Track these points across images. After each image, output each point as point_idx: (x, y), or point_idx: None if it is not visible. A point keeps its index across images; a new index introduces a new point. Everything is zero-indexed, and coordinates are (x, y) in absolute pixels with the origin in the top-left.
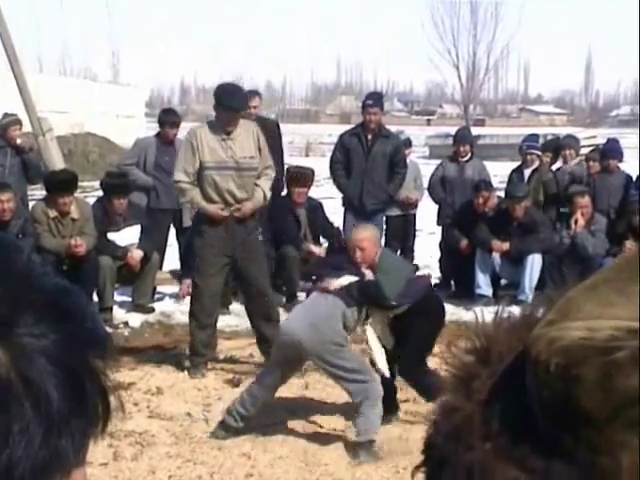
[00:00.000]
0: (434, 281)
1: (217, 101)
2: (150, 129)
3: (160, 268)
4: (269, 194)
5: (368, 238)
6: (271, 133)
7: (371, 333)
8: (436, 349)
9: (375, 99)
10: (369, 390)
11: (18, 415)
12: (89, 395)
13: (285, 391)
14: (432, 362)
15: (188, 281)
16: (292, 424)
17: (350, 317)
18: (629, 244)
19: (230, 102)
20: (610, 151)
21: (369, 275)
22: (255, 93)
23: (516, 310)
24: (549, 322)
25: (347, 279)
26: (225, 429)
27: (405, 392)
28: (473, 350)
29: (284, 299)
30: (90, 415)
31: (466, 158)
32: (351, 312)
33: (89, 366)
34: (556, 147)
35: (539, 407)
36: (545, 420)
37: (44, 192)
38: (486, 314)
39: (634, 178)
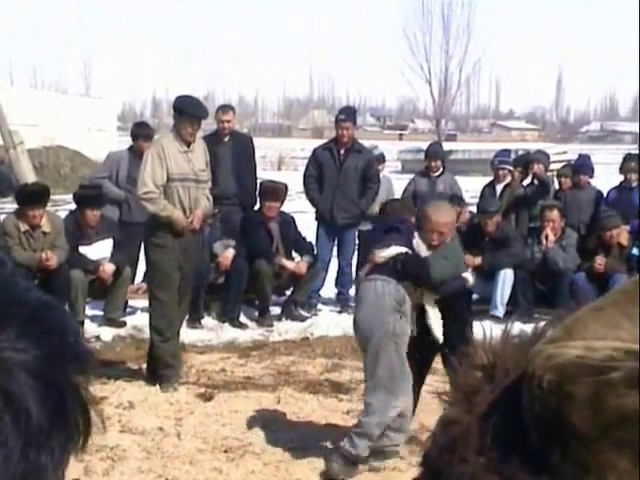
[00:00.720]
0: None
1: (179, 111)
2: (122, 142)
3: (132, 282)
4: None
5: (450, 224)
6: (245, 147)
7: (430, 304)
8: None
9: (348, 114)
10: (384, 409)
11: None
12: (70, 410)
13: (257, 405)
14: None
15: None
16: (265, 439)
17: (400, 296)
18: (599, 259)
19: (195, 111)
20: (581, 167)
21: (423, 252)
22: (229, 107)
23: (495, 326)
24: (552, 339)
25: (394, 250)
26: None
27: None
28: (480, 366)
29: (256, 313)
30: (70, 430)
31: (437, 173)
32: (398, 289)
33: (70, 381)
34: (526, 162)
35: (531, 422)
36: (536, 436)
37: (15, 205)
38: (494, 330)
39: (604, 194)
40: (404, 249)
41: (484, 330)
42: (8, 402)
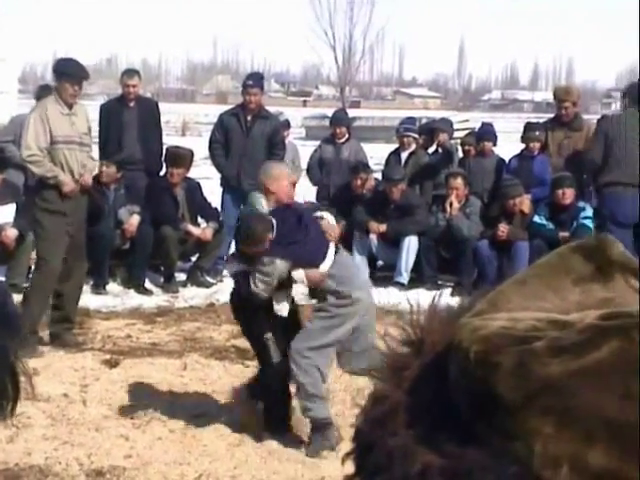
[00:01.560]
0: None
1: (61, 73)
2: (23, 105)
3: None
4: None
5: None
6: (151, 113)
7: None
8: None
9: (255, 79)
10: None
11: None
12: (0, 375)
13: (163, 372)
14: None
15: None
16: (171, 405)
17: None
18: (502, 227)
19: (74, 71)
20: (484, 134)
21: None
22: (134, 72)
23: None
24: (477, 312)
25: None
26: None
27: None
28: (407, 341)
29: (162, 279)
30: (1, 395)
31: (343, 140)
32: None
33: (6, 354)
34: (431, 130)
35: (458, 394)
36: (463, 407)
37: None
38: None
39: (506, 162)
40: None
41: (411, 306)
42: None
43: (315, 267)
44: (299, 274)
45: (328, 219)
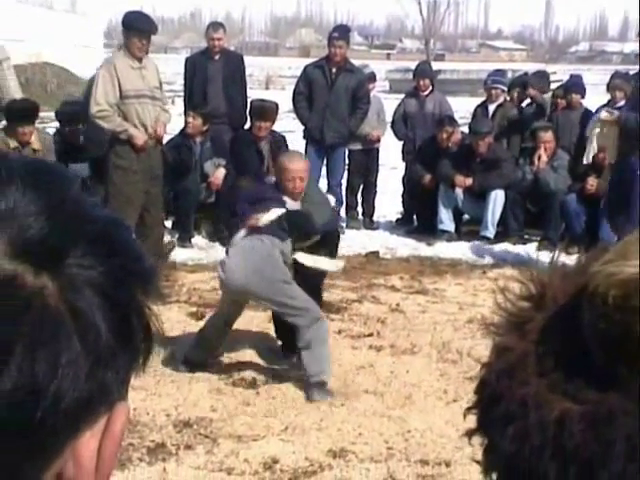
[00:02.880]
0: (397, 216)
1: (127, 27)
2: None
3: None
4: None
5: (306, 168)
6: (235, 66)
7: (303, 256)
8: (399, 283)
9: (341, 32)
10: (319, 327)
11: (66, 346)
12: (135, 329)
13: (249, 324)
14: (394, 296)
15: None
16: (257, 358)
17: (286, 251)
18: (591, 181)
19: (142, 25)
20: (573, 86)
21: (295, 205)
22: (219, 25)
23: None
24: (607, 261)
25: (275, 212)
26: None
27: (368, 326)
28: (527, 296)
29: None
30: (134, 350)
31: (426, 92)
32: (286, 245)
33: (135, 300)
34: (524, 83)
35: (595, 340)
36: (601, 352)
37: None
38: (541, 258)
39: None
40: (283, 209)
41: (530, 261)
42: (77, 320)
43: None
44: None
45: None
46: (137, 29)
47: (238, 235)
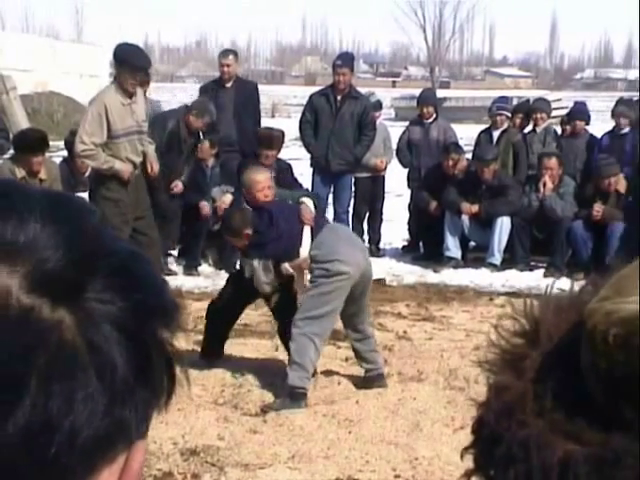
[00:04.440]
0: (403, 243)
1: (121, 61)
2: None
3: None
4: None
5: (269, 177)
6: (249, 94)
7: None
8: (406, 310)
9: (345, 59)
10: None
11: (83, 381)
12: (155, 365)
13: (255, 353)
14: (400, 323)
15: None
16: (263, 386)
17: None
18: (597, 207)
19: (136, 61)
20: (577, 113)
21: None
22: (229, 52)
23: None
24: (604, 297)
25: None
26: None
27: None
28: (521, 332)
29: None
30: (155, 386)
31: (430, 119)
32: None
33: (156, 336)
34: (527, 110)
35: (596, 380)
36: (602, 392)
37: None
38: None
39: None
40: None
41: (524, 298)
42: (94, 354)
43: (295, 256)
44: (284, 267)
45: (306, 204)
46: (130, 65)
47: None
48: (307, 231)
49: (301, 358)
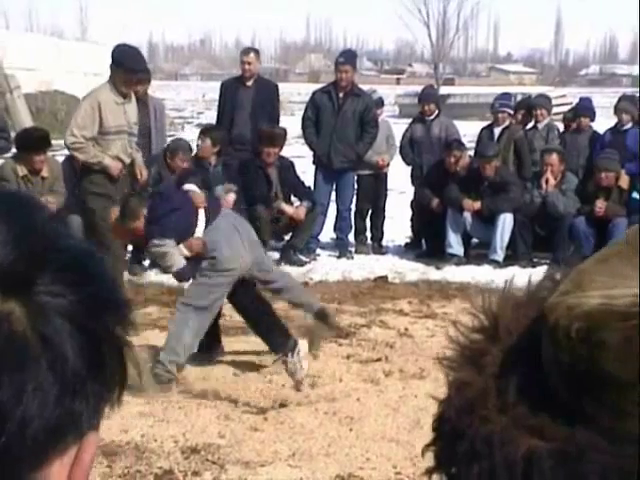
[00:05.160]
0: (405, 241)
1: (117, 62)
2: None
3: None
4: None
5: None
6: (268, 94)
7: None
8: (408, 308)
9: (347, 57)
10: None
11: (33, 373)
12: (106, 359)
13: (257, 350)
14: (402, 321)
15: None
16: (265, 384)
17: None
18: (599, 203)
19: (131, 64)
20: (582, 109)
21: None
22: (250, 49)
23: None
24: (564, 292)
25: None
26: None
27: (377, 351)
28: (480, 328)
29: None
30: (106, 380)
31: (432, 117)
32: None
33: (107, 330)
34: (528, 106)
35: (558, 374)
36: (565, 387)
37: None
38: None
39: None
40: None
41: (482, 292)
42: (44, 346)
43: (191, 234)
44: (179, 248)
45: (192, 189)
46: (125, 67)
47: None
48: (201, 213)
49: (177, 344)
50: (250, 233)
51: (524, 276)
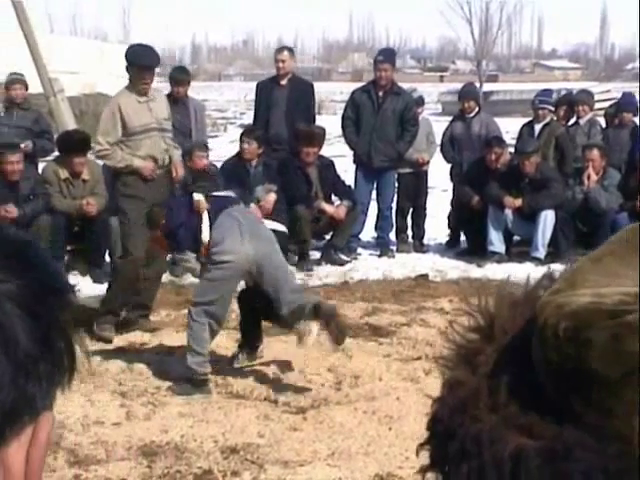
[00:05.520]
0: (446, 239)
1: (130, 62)
2: (161, 89)
3: None
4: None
5: None
6: (303, 94)
7: None
8: (448, 306)
9: (386, 55)
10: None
11: None
12: (55, 342)
13: (297, 350)
14: (443, 319)
15: None
16: (303, 383)
17: None
18: None
19: (144, 60)
20: (625, 104)
21: None
22: (284, 48)
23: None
24: (556, 291)
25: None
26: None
27: (417, 350)
28: (476, 327)
29: (296, 257)
30: (56, 362)
31: (472, 114)
32: None
33: (54, 314)
34: (570, 102)
35: (547, 372)
36: (553, 385)
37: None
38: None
39: None
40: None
41: (479, 293)
42: None
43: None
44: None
45: (196, 197)
46: (138, 65)
47: None
48: (205, 218)
49: (197, 344)
50: (254, 226)
51: None
